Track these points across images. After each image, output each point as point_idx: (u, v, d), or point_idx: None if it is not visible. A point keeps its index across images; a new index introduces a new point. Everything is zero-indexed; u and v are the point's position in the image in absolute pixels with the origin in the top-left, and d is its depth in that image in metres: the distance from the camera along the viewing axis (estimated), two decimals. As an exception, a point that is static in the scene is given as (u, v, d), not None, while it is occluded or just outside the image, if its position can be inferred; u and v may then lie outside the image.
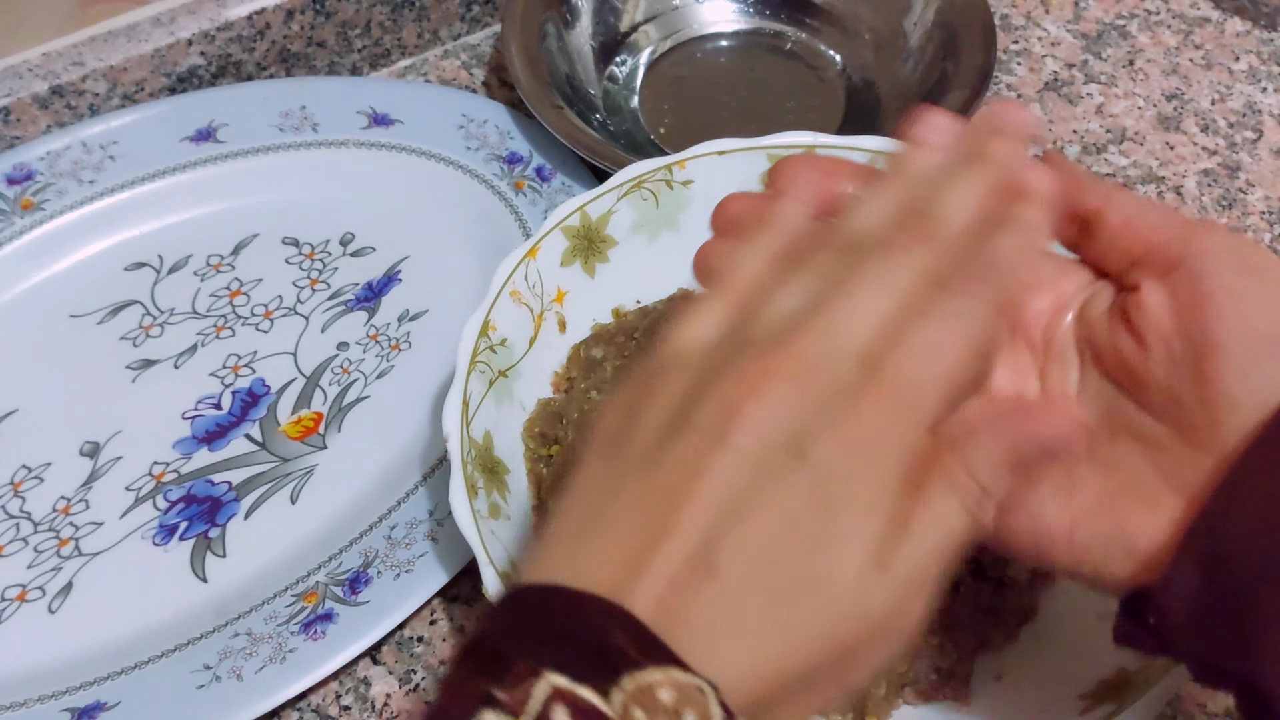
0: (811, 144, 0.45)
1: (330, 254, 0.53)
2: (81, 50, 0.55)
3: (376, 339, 0.50)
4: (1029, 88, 0.61)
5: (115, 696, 0.39)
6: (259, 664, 0.39)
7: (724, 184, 0.46)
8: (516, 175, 0.54)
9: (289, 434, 0.47)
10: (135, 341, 0.50)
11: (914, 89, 0.56)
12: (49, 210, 0.53)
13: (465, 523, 0.36)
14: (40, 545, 0.44)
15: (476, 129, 0.56)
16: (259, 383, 0.49)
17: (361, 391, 0.48)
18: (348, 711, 0.40)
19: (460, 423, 0.38)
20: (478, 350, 0.40)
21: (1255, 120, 0.59)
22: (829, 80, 0.60)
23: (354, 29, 0.60)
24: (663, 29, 0.61)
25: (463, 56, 0.63)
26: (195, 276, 0.52)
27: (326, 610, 0.40)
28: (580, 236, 0.44)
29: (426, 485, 0.44)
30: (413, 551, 0.41)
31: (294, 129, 0.56)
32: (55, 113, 0.55)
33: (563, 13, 0.59)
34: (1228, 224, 0.55)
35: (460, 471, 0.37)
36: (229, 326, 0.50)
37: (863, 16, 0.60)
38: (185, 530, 0.44)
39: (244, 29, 0.57)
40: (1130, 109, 0.60)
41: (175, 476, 0.46)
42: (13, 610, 0.42)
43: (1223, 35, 0.63)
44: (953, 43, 0.56)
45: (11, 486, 0.46)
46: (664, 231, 0.46)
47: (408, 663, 0.41)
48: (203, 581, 0.43)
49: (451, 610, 0.42)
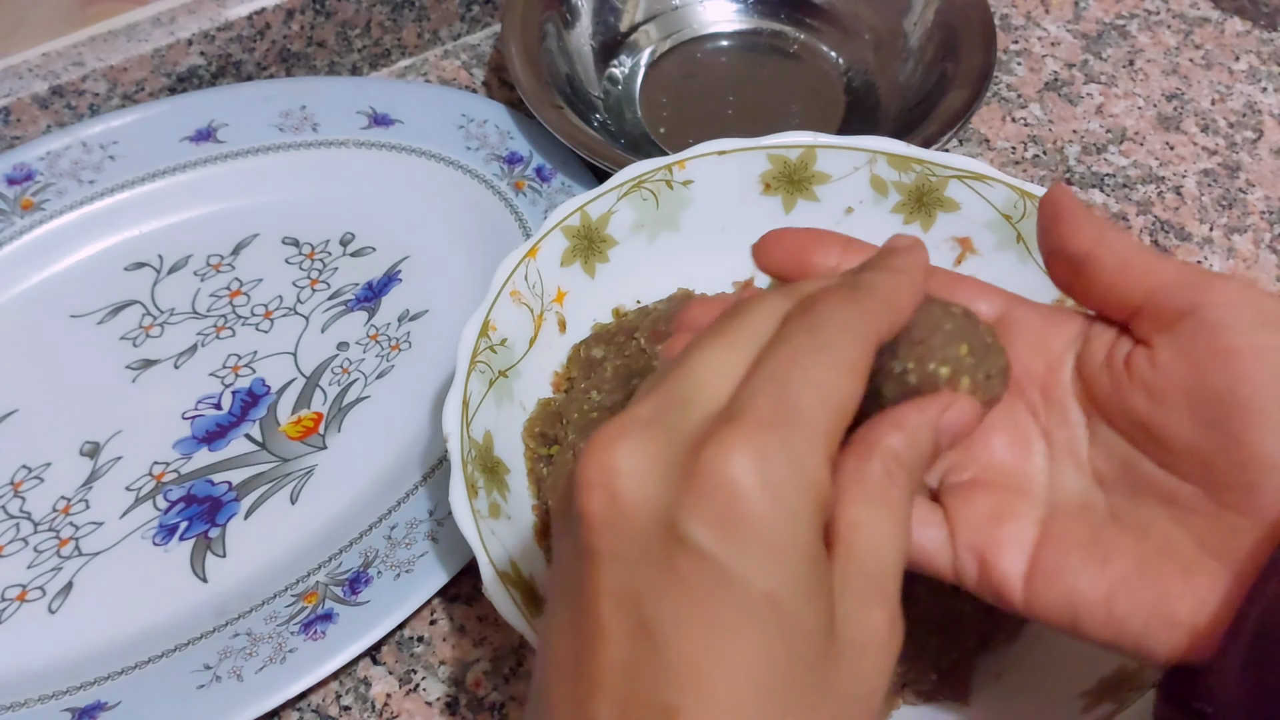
0: (811, 144, 0.45)
1: (330, 254, 0.53)
2: (81, 50, 0.55)
3: (376, 339, 0.50)
4: (1029, 88, 0.61)
5: (115, 696, 0.39)
6: (259, 664, 0.39)
7: (724, 184, 0.46)
8: (516, 175, 0.54)
9: (289, 434, 0.47)
10: (135, 341, 0.50)
11: (914, 89, 0.56)
12: (49, 210, 0.53)
13: (465, 523, 0.36)
14: (40, 545, 0.44)
15: (476, 129, 0.56)
16: (259, 383, 0.49)
17: (361, 391, 0.48)
18: (348, 711, 0.40)
19: (460, 423, 0.38)
20: (478, 350, 0.40)
21: (1255, 120, 0.59)
22: (829, 80, 0.60)
23: (354, 29, 0.60)
24: (663, 29, 0.61)
25: (463, 56, 0.63)
26: (195, 276, 0.52)
27: (326, 610, 0.40)
28: (580, 236, 0.44)
29: (426, 485, 0.44)
30: (413, 551, 0.41)
31: (294, 129, 0.56)
32: (55, 113, 0.55)
33: (563, 13, 0.59)
34: (1227, 224, 0.55)
35: (460, 471, 0.37)
36: (229, 326, 0.50)
37: (863, 16, 0.60)
38: (185, 530, 0.44)
39: (244, 29, 0.57)
40: (1130, 109, 0.60)
41: (175, 476, 0.46)
42: (13, 610, 0.42)
43: (1223, 35, 0.63)
44: (953, 43, 0.56)
45: (11, 486, 0.46)
46: (664, 231, 0.46)
47: (408, 663, 0.41)
48: (203, 581, 0.43)
49: (451, 610, 0.42)
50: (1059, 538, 0.28)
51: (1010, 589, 0.28)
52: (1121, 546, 0.27)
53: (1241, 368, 0.25)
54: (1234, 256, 0.53)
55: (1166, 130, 0.59)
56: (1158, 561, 0.26)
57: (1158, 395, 0.26)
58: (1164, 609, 0.25)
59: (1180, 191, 0.56)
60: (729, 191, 0.46)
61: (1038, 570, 0.27)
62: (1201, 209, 0.55)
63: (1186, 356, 0.26)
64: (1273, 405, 0.24)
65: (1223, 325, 0.25)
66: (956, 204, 0.45)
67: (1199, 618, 0.25)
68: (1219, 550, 0.25)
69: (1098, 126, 0.59)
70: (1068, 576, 0.27)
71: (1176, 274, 0.27)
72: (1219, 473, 0.25)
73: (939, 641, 0.37)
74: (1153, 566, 0.26)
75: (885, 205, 0.46)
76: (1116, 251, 0.27)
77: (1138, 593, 0.26)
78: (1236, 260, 0.53)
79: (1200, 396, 0.25)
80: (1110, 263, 0.27)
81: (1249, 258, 0.53)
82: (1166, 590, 0.25)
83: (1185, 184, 0.56)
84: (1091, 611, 0.26)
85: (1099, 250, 0.28)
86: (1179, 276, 0.26)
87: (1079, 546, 0.27)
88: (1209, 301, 0.26)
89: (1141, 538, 0.27)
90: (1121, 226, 0.29)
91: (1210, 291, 0.26)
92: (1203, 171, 0.57)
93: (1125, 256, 0.27)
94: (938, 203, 0.45)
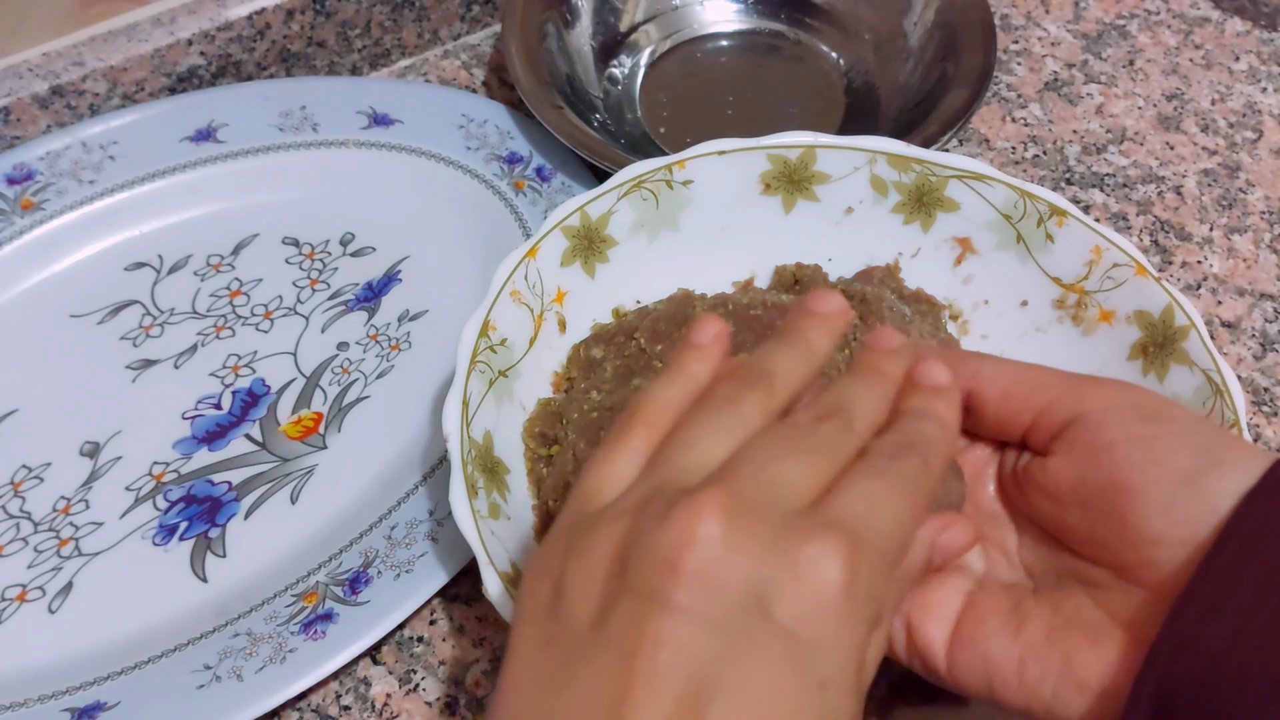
0: (811, 144, 0.45)
1: (330, 254, 0.53)
2: (81, 50, 0.55)
3: (376, 339, 0.50)
4: (1029, 88, 0.61)
5: (115, 696, 0.39)
6: (259, 664, 0.39)
7: (724, 184, 0.46)
8: (516, 175, 0.54)
9: (289, 434, 0.47)
10: (135, 341, 0.50)
11: (914, 89, 0.56)
12: (49, 210, 0.53)
13: (465, 523, 0.36)
14: (40, 545, 0.44)
15: (476, 129, 0.56)
16: (259, 383, 0.49)
17: (361, 391, 0.48)
18: (348, 711, 0.40)
19: (460, 423, 0.38)
20: (478, 350, 0.40)
21: (1255, 120, 0.59)
22: (829, 80, 0.60)
23: (354, 29, 0.60)
24: (663, 29, 0.61)
25: (463, 56, 0.63)
26: (195, 276, 0.52)
27: (326, 610, 0.40)
28: (580, 236, 0.44)
29: (426, 485, 0.44)
30: (413, 551, 0.41)
31: (294, 129, 0.56)
32: (55, 113, 0.55)
33: (563, 13, 0.59)
34: (1227, 224, 0.55)
35: (460, 471, 0.37)
36: (229, 326, 0.50)
37: (863, 16, 0.60)
38: (185, 530, 0.44)
39: (244, 29, 0.57)
40: (1130, 109, 0.60)
41: (175, 476, 0.46)
42: (13, 610, 0.42)
43: (1223, 35, 0.63)
44: (953, 43, 0.56)
45: (11, 486, 0.46)
46: (664, 231, 0.46)
47: (408, 663, 0.41)
48: (203, 581, 0.43)
49: (451, 610, 0.42)
50: (980, 607, 0.30)
51: (933, 655, 0.30)
52: (1036, 615, 0.29)
53: (1119, 457, 0.27)
54: (1234, 256, 0.53)
55: (1166, 130, 0.59)
56: (1066, 630, 0.28)
57: (1053, 496, 0.29)
58: (1071, 674, 0.27)
59: (1180, 191, 0.56)
60: (729, 191, 0.46)
61: (958, 637, 0.29)
62: (1201, 209, 0.55)
63: (1073, 457, 0.28)
64: (1152, 487, 0.27)
65: (1103, 425, 0.28)
66: (956, 204, 0.45)
67: (1106, 682, 0.27)
68: (1126, 620, 0.27)
69: (1098, 126, 0.59)
70: (982, 642, 0.29)
71: (1058, 388, 0.29)
72: (1116, 554, 0.28)
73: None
74: (1061, 634, 0.28)
75: (885, 205, 0.46)
76: (995, 385, 0.30)
77: (1047, 658, 0.28)
78: (1236, 260, 0.53)
79: (1088, 490, 0.28)
80: (992, 396, 0.30)
81: (1249, 258, 0.53)
82: (1074, 656, 0.27)
83: (1185, 184, 0.56)
84: (1005, 678, 0.28)
85: (978, 385, 0.30)
86: (1060, 390, 0.29)
87: (997, 614, 0.29)
88: (1090, 407, 0.28)
89: (1055, 610, 0.29)
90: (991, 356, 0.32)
91: (1089, 398, 0.29)
92: (1203, 171, 0.57)
93: (1004, 388, 0.30)
94: (938, 203, 0.45)
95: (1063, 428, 0.29)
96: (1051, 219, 0.43)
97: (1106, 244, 0.42)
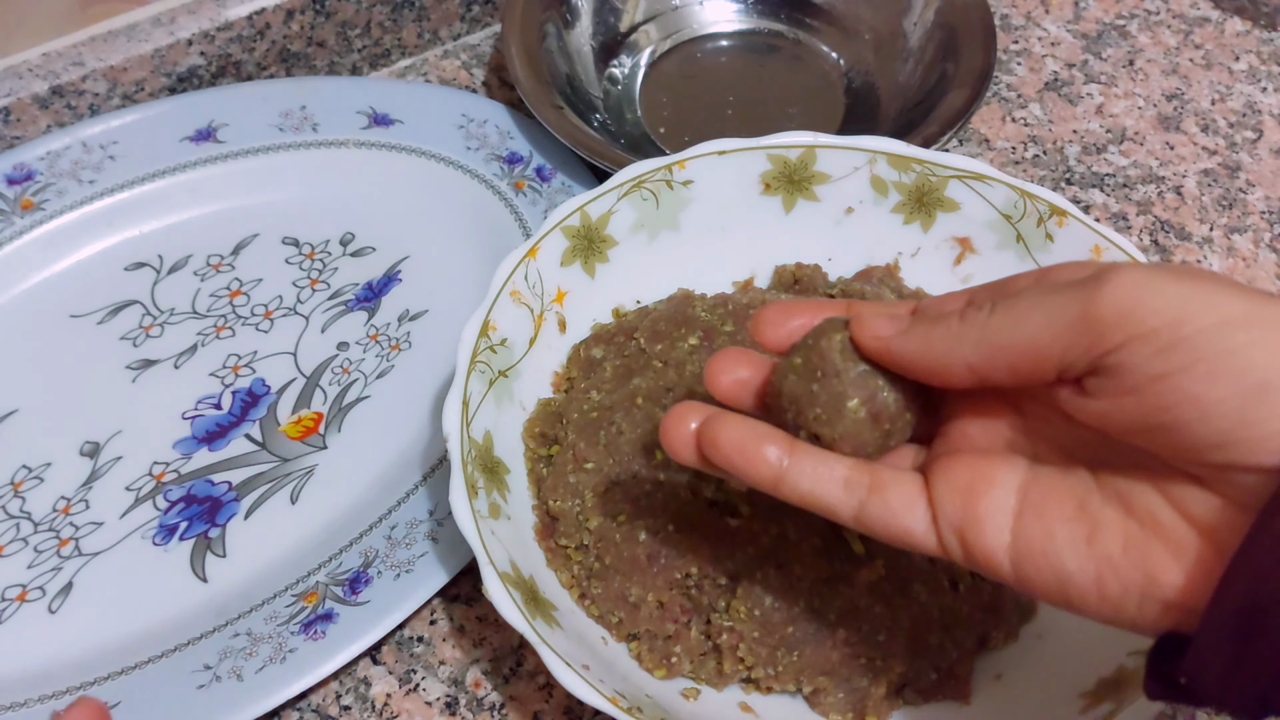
0: (811, 144, 0.45)
1: (330, 254, 0.53)
2: (81, 50, 0.55)
3: (376, 339, 0.50)
4: (1029, 88, 0.61)
5: (115, 696, 0.39)
6: (259, 664, 0.39)
7: (724, 184, 0.46)
8: (516, 175, 0.54)
9: (289, 434, 0.47)
10: (135, 341, 0.50)
11: (914, 89, 0.56)
12: (49, 210, 0.53)
13: (465, 523, 0.36)
14: (40, 545, 0.44)
15: (476, 129, 0.56)
16: (259, 383, 0.49)
17: (361, 391, 0.48)
18: (348, 711, 0.40)
19: (460, 423, 0.38)
20: (478, 350, 0.40)
21: (1255, 120, 0.59)
22: (829, 80, 0.60)
23: (354, 29, 0.60)
24: (663, 29, 0.61)
25: (463, 56, 0.63)
26: (195, 276, 0.52)
27: (326, 610, 0.40)
28: (580, 236, 0.44)
29: (426, 485, 0.44)
30: (413, 551, 0.41)
31: (294, 129, 0.56)
32: (55, 113, 0.55)
33: (563, 13, 0.59)
34: (1227, 224, 0.55)
35: (460, 471, 0.37)
36: (229, 326, 0.50)
37: (863, 16, 0.60)
38: (185, 530, 0.44)
39: (244, 29, 0.57)
40: (1130, 109, 0.60)
41: (175, 476, 0.46)
42: (13, 610, 0.42)
43: (1223, 35, 0.63)
44: (953, 43, 0.56)
45: (11, 486, 0.46)
46: (664, 231, 0.46)
47: (408, 663, 0.41)
48: (203, 581, 0.43)
49: (451, 610, 0.42)
50: (1041, 509, 0.27)
51: (997, 565, 0.27)
52: (1106, 519, 0.26)
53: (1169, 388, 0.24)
54: (1234, 256, 0.53)
55: (1166, 130, 0.59)
56: (1145, 541, 0.25)
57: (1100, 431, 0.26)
58: (1157, 593, 0.25)
59: (1180, 191, 0.56)
60: (729, 191, 0.46)
61: (1023, 545, 0.27)
62: (1201, 209, 0.55)
63: (1119, 400, 0.25)
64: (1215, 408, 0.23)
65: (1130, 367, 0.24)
66: (956, 204, 0.45)
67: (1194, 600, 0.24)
68: (1206, 526, 0.25)
69: (1098, 126, 0.59)
70: (1052, 554, 0.26)
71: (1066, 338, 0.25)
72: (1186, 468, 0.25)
73: (939, 641, 0.37)
74: (1140, 546, 0.25)
75: (885, 205, 0.46)
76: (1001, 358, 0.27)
77: (1127, 575, 0.25)
78: (1236, 260, 0.53)
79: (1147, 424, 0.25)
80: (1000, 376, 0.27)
81: (1249, 257, 0.53)
82: (1158, 575, 0.25)
83: (1185, 184, 0.56)
84: (1082, 592, 0.26)
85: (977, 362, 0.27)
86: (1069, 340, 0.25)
87: (1063, 519, 0.27)
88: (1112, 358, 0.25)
89: (1127, 511, 0.26)
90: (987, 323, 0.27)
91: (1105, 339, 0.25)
92: (1203, 171, 0.57)
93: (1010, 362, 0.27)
94: (938, 203, 0.45)
95: (1090, 371, 0.25)
96: (1051, 219, 0.43)
97: (1106, 244, 0.42)
